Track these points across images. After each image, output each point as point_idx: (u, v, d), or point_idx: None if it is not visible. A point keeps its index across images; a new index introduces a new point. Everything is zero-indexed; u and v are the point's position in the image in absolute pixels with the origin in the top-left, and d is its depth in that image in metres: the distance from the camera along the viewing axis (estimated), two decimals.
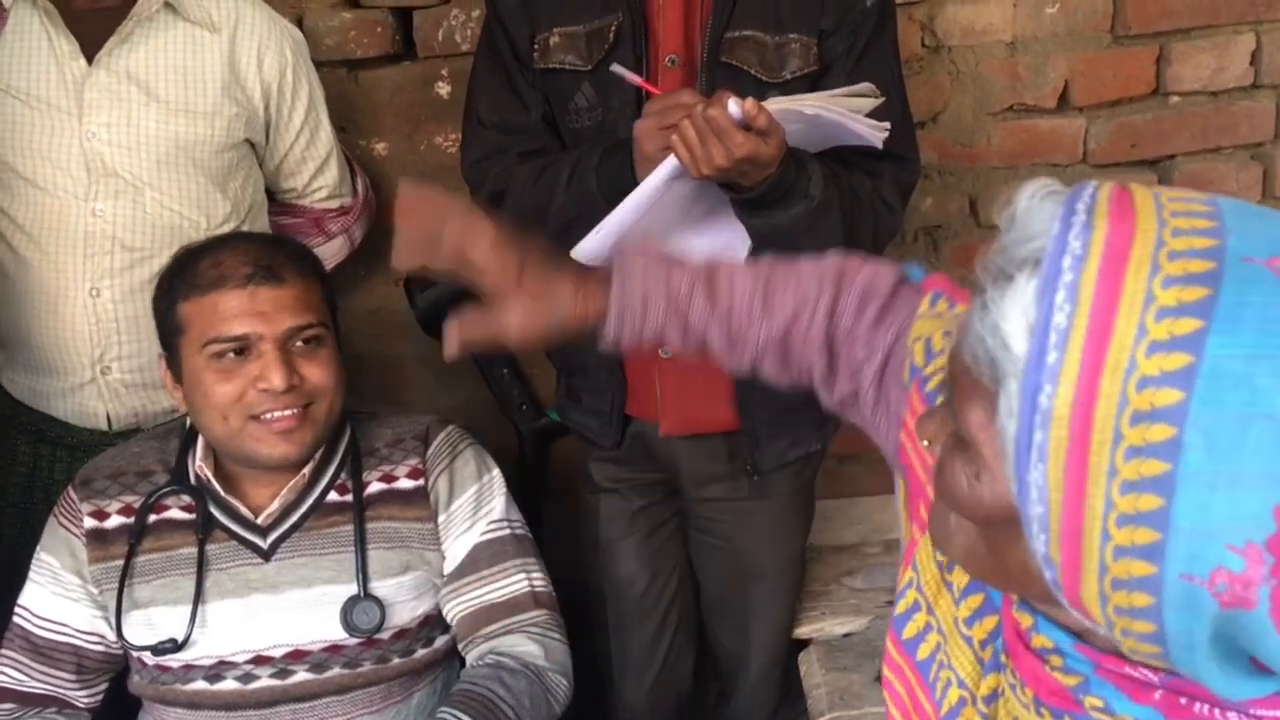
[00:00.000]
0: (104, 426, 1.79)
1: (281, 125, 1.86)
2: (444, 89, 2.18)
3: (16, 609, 1.58)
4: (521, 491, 2.12)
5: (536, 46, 1.68)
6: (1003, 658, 0.82)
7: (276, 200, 1.96)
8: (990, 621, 0.84)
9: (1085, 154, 2.23)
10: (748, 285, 1.08)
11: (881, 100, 1.50)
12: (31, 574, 1.58)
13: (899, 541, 2.25)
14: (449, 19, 2.15)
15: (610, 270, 1.05)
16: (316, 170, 1.94)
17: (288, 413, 1.47)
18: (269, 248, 1.52)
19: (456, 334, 1.04)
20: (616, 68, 1.55)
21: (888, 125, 1.49)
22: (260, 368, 1.45)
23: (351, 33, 2.15)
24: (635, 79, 1.54)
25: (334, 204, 1.99)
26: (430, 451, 1.59)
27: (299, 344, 1.48)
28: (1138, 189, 0.68)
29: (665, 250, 1.10)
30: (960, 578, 0.87)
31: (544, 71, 1.68)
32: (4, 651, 1.57)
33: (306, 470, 1.54)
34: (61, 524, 1.57)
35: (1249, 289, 0.62)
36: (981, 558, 0.74)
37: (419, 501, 1.57)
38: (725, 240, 1.63)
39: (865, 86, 1.49)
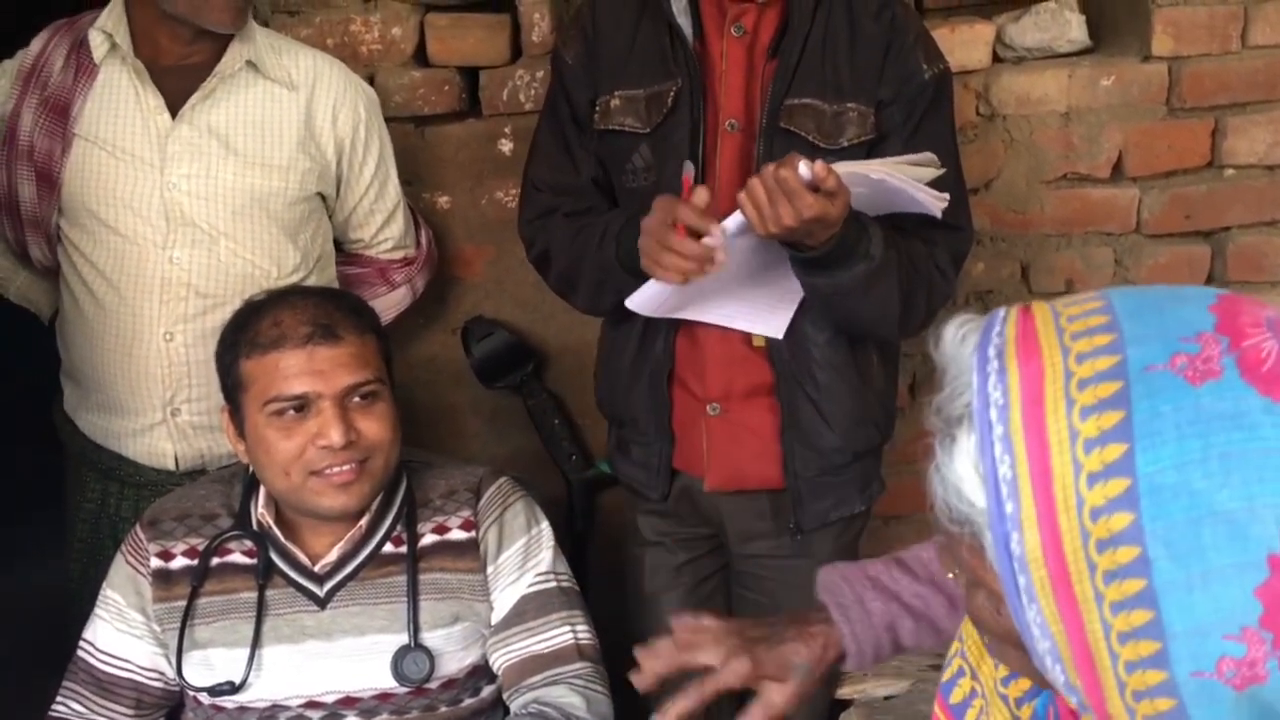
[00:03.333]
0: (171, 466, 1.85)
1: (352, 179, 1.93)
2: (506, 146, 2.25)
3: (81, 643, 1.62)
4: (568, 541, 2.15)
5: (597, 108, 1.73)
6: None
7: (344, 250, 2.03)
8: (1025, 683, 0.87)
9: (1139, 224, 2.24)
10: (933, 551, 1.16)
11: (943, 171, 1.53)
12: (97, 609, 1.63)
13: None
14: (514, 79, 2.22)
15: (821, 606, 1.17)
16: (384, 222, 2.00)
17: (346, 467, 1.51)
18: (327, 305, 1.56)
19: None
20: (689, 172, 1.58)
21: (947, 196, 1.52)
22: (319, 425, 1.50)
23: (420, 90, 2.23)
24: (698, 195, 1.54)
25: (399, 255, 2.05)
26: (482, 503, 1.62)
27: (356, 400, 1.53)
28: (1039, 312, 0.73)
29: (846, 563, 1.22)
30: None
31: (603, 132, 1.73)
32: (68, 684, 1.61)
33: (364, 521, 1.58)
34: (128, 562, 1.62)
35: (1158, 399, 0.66)
36: (1022, 668, 0.78)
37: (470, 553, 1.60)
38: (777, 296, 1.67)
39: (928, 156, 1.53)
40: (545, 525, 1.65)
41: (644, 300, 1.62)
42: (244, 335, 1.55)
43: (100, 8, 1.85)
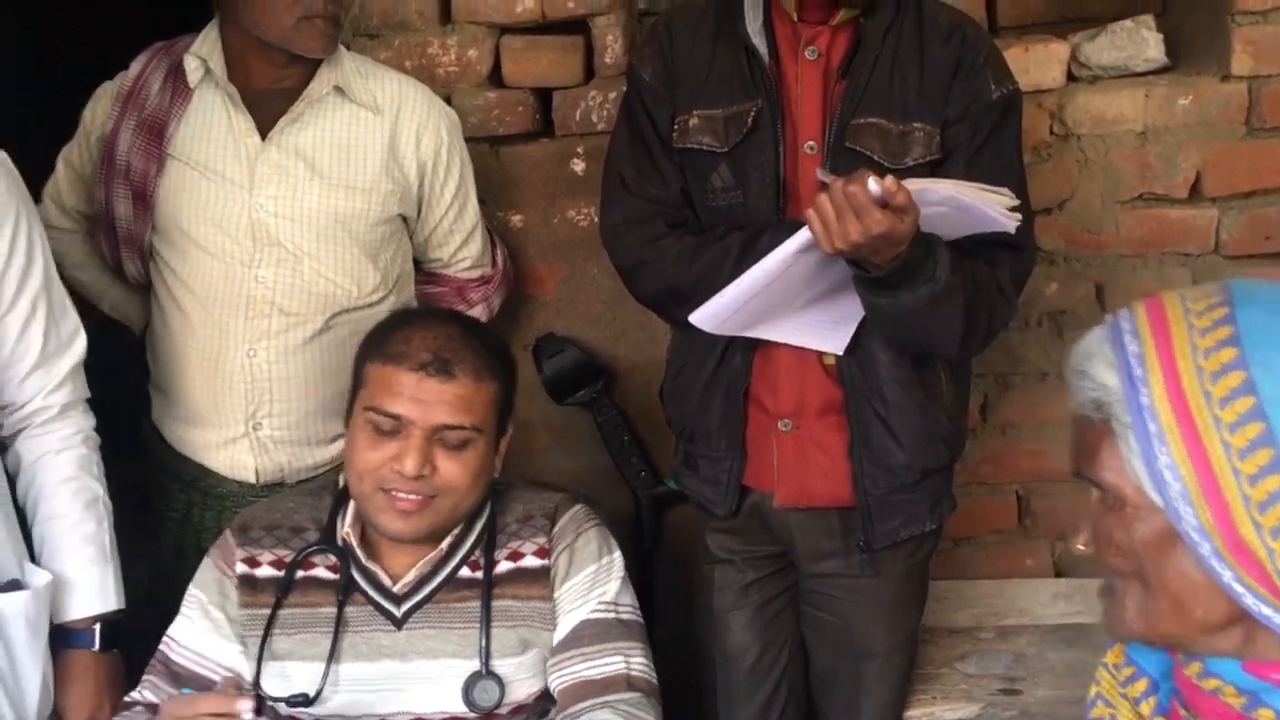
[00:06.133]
0: (251, 479, 1.90)
1: (433, 200, 1.96)
2: (579, 165, 2.28)
3: (164, 639, 1.65)
4: (636, 558, 2.17)
5: (676, 126, 1.74)
6: (1183, 712, 0.96)
7: (423, 269, 2.06)
8: (1142, 684, 1.01)
9: (1217, 245, 2.21)
10: None
11: (1017, 203, 1.52)
12: (183, 608, 1.66)
13: (1014, 627, 2.21)
14: (586, 100, 2.26)
15: None
16: (462, 242, 2.04)
17: (413, 496, 1.53)
18: (458, 339, 1.57)
19: None
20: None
21: (1019, 216, 1.52)
22: (401, 449, 1.52)
23: (495, 111, 2.27)
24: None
25: (476, 274, 2.09)
26: (556, 530, 1.63)
27: (446, 439, 1.54)
28: (1165, 296, 0.90)
29: None
30: (1117, 656, 1.05)
31: (681, 150, 1.74)
32: (146, 676, 1.63)
33: (444, 544, 1.60)
34: (216, 564, 1.65)
35: (1254, 291, 0.86)
36: (1153, 609, 0.89)
37: (542, 580, 1.61)
38: (839, 314, 1.67)
39: (1003, 190, 1.51)
40: (617, 556, 1.65)
41: (708, 315, 1.63)
42: (380, 338, 1.59)
43: (196, 31, 1.91)
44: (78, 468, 1.63)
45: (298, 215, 1.84)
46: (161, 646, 1.65)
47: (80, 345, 1.65)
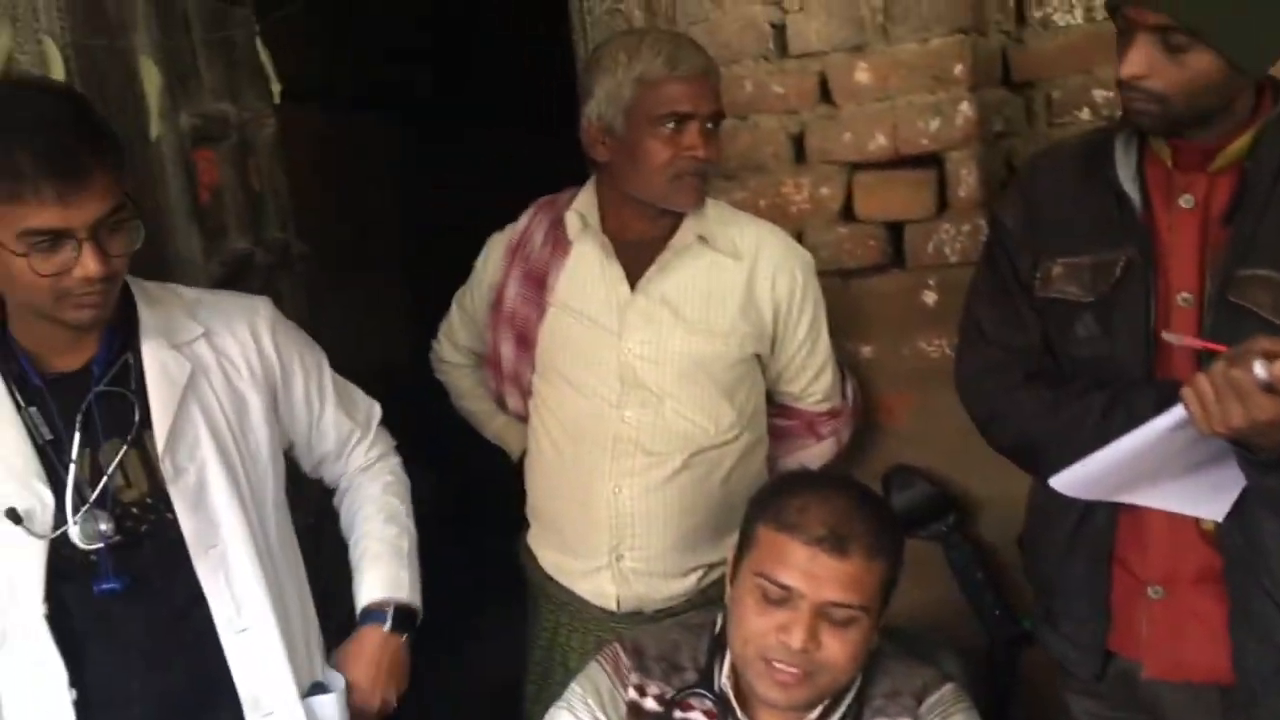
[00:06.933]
0: (612, 607, 2.02)
1: (786, 338, 2.03)
2: (930, 297, 2.29)
3: None
4: (988, 699, 2.10)
5: (1038, 274, 1.69)
6: None
7: (774, 403, 2.13)
8: None
9: None
10: None
11: None
12: (566, 702, 1.69)
13: None
14: (939, 233, 2.26)
15: None
16: (813, 377, 2.09)
17: (793, 670, 1.54)
18: (852, 513, 1.55)
19: None
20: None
21: None
22: (788, 620, 1.53)
23: (846, 245, 2.32)
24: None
25: (826, 407, 2.13)
26: (923, 711, 1.60)
27: (833, 615, 1.53)
28: None
29: None
30: None
31: (1044, 298, 1.70)
32: None
33: (813, 716, 1.60)
34: (607, 673, 1.69)
35: None
36: None
37: None
38: (1218, 482, 1.55)
39: None
40: None
41: (1071, 482, 1.56)
42: (774, 502, 1.60)
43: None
44: (382, 490, 1.87)
45: (661, 359, 1.96)
46: None
47: (376, 412, 1.92)
